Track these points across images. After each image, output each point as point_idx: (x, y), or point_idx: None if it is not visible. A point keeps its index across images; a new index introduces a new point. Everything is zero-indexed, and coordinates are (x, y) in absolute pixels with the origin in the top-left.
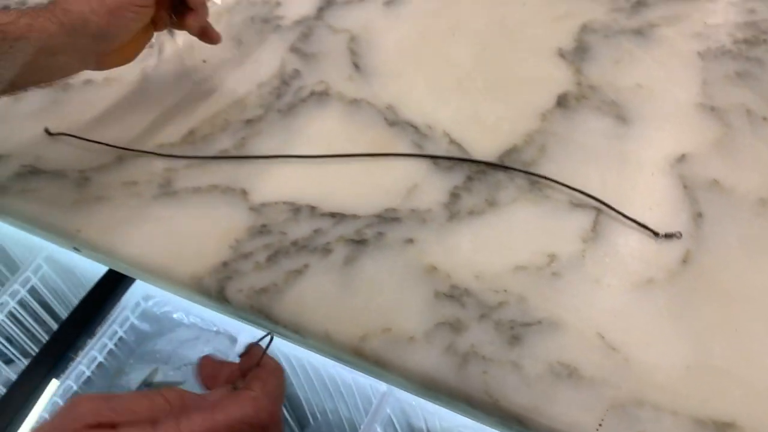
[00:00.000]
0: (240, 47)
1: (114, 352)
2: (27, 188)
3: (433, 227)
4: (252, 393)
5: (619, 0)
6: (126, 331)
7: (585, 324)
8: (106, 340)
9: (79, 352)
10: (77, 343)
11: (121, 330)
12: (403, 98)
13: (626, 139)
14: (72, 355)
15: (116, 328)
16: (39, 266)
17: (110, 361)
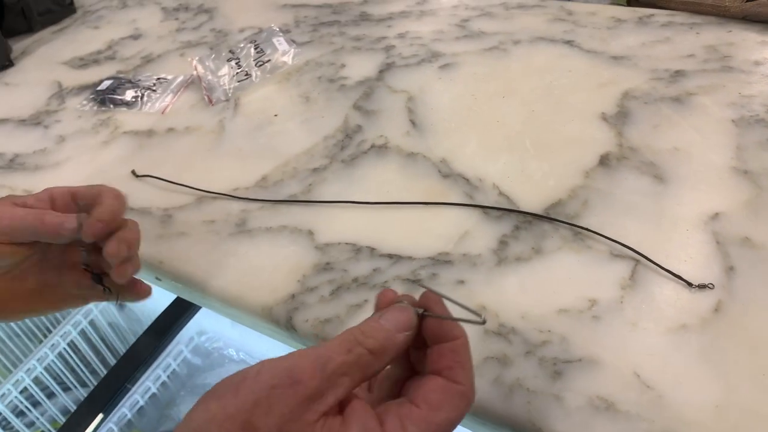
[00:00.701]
0: (308, 103)
1: (167, 383)
2: None
3: (483, 271)
4: (461, 388)
5: (659, 70)
6: (179, 365)
7: (622, 363)
8: (160, 372)
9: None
10: (135, 374)
11: (174, 363)
12: (456, 153)
13: (663, 197)
14: (128, 385)
15: (170, 361)
16: None
17: (162, 393)
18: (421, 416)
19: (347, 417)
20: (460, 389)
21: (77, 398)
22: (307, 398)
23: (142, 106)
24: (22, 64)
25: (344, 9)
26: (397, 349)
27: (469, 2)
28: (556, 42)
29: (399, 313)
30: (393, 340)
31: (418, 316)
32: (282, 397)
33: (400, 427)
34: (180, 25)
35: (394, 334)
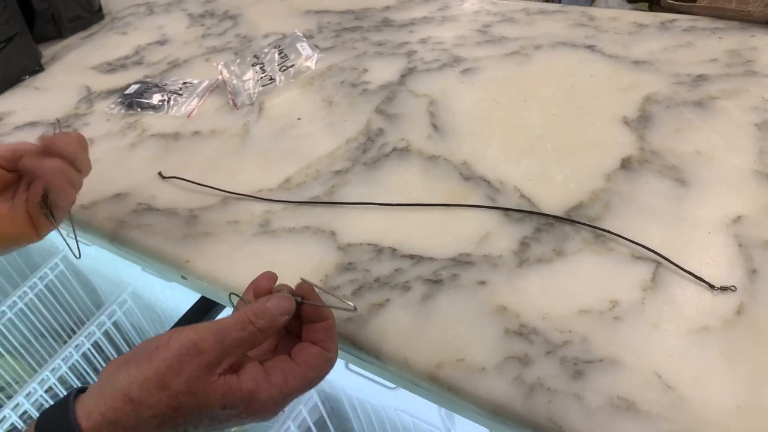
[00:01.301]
0: (330, 107)
1: None
2: (143, 223)
3: (504, 272)
4: (331, 355)
5: (681, 74)
6: None
7: (643, 363)
8: None
9: None
10: None
11: None
12: (477, 156)
13: (685, 200)
14: None
15: None
16: (124, 300)
17: None
18: (300, 372)
19: (242, 374)
20: (330, 356)
21: None
22: (209, 364)
23: (169, 110)
24: (52, 69)
25: (367, 15)
26: (279, 328)
27: (490, 8)
28: (577, 47)
29: (283, 300)
30: (276, 321)
31: (297, 303)
32: (189, 363)
33: (284, 379)
34: (205, 31)
35: (278, 317)
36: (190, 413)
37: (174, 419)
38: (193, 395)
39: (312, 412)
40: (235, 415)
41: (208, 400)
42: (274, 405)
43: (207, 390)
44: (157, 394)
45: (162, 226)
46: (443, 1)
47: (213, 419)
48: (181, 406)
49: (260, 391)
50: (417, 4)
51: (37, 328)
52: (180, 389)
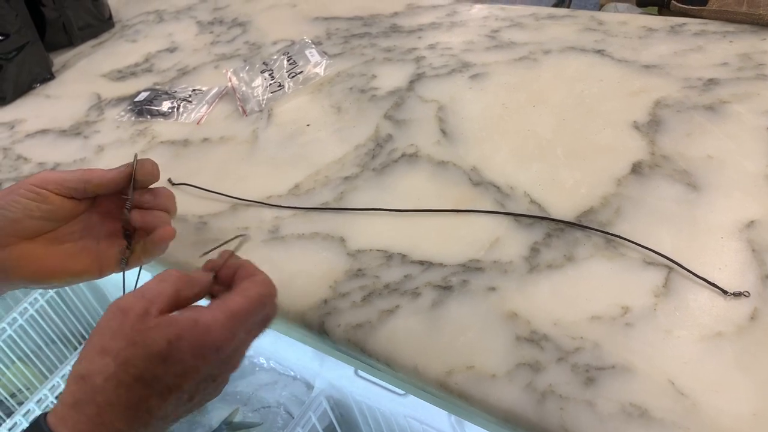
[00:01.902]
0: (339, 113)
1: None
2: None
3: (514, 278)
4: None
5: (692, 78)
6: None
7: (656, 370)
8: None
9: None
10: None
11: None
12: (487, 161)
13: (697, 204)
14: None
15: None
16: None
17: None
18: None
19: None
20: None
21: None
22: (138, 315)
23: (178, 117)
24: (62, 77)
25: (375, 21)
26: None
27: (499, 13)
28: (586, 51)
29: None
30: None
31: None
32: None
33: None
34: (215, 39)
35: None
36: (141, 363)
37: (128, 373)
38: (135, 345)
39: (321, 418)
40: (188, 350)
41: (153, 342)
42: (222, 328)
43: (146, 333)
44: (100, 360)
45: None
46: (451, 7)
47: (166, 361)
48: (128, 359)
49: (201, 314)
50: (425, 10)
51: (47, 334)
52: (120, 346)
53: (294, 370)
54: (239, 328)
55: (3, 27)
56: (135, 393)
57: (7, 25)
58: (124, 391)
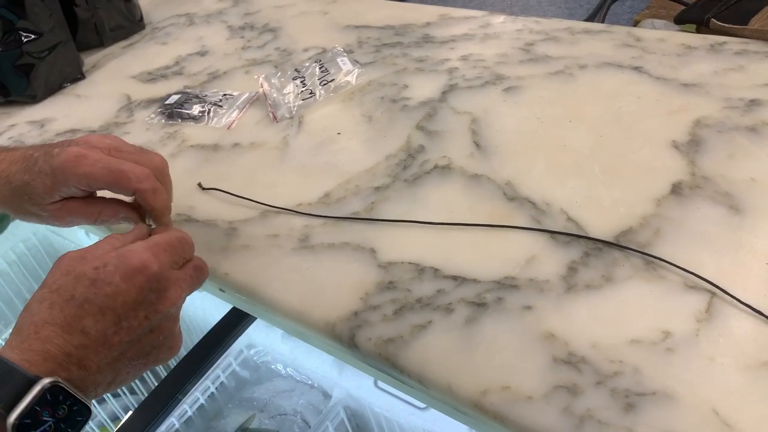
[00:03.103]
0: (371, 122)
1: (215, 395)
2: None
3: (551, 297)
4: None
5: (733, 98)
6: (227, 377)
7: (699, 399)
8: (209, 384)
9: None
10: (185, 385)
11: (223, 375)
12: (522, 176)
13: (740, 228)
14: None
15: (219, 373)
16: None
17: (210, 404)
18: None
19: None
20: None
21: (125, 405)
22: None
23: (209, 121)
24: (93, 77)
25: (407, 31)
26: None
27: (533, 26)
28: (623, 68)
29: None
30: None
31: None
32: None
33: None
34: (245, 44)
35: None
36: (71, 286)
37: (60, 296)
38: (67, 274)
39: (338, 428)
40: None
41: (81, 270)
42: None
43: (77, 266)
44: (40, 292)
45: (201, 238)
46: (485, 19)
47: (95, 283)
48: (60, 286)
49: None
50: (458, 21)
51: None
52: (55, 278)
53: (312, 378)
54: (161, 255)
55: (37, 26)
56: (68, 312)
57: (40, 24)
58: (58, 311)
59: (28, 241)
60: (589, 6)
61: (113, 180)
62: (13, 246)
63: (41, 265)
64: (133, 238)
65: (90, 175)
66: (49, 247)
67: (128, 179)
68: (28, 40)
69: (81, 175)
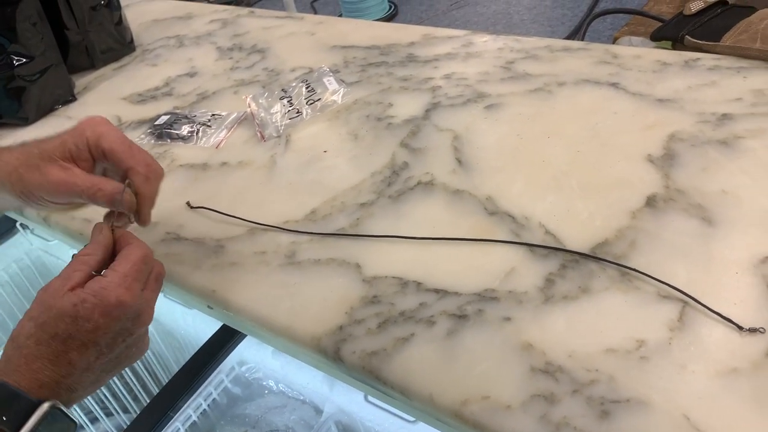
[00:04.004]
0: (356, 140)
1: (207, 412)
2: (171, 252)
3: (529, 308)
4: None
5: (706, 113)
6: (219, 394)
7: (671, 405)
8: (201, 401)
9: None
10: (177, 402)
11: (215, 392)
12: (502, 191)
13: (712, 239)
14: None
15: (211, 390)
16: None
17: (203, 421)
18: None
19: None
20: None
21: (119, 424)
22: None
23: (198, 141)
24: (84, 99)
25: (392, 50)
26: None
27: (514, 45)
28: (601, 84)
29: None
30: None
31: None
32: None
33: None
34: (234, 64)
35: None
36: (54, 321)
37: (45, 332)
38: (50, 309)
39: None
40: (92, 309)
41: (61, 305)
42: (118, 287)
43: (58, 301)
44: (25, 324)
45: (189, 256)
46: (467, 38)
47: (76, 320)
48: (45, 322)
49: (99, 282)
50: (441, 41)
51: None
52: (39, 311)
53: (303, 394)
54: (133, 285)
55: (28, 49)
56: (53, 348)
57: (32, 47)
58: (44, 347)
59: (20, 262)
60: (571, 23)
61: (121, 148)
62: (5, 267)
63: (34, 286)
64: (101, 250)
65: (104, 136)
66: (42, 267)
67: (133, 155)
68: (19, 63)
69: (97, 132)
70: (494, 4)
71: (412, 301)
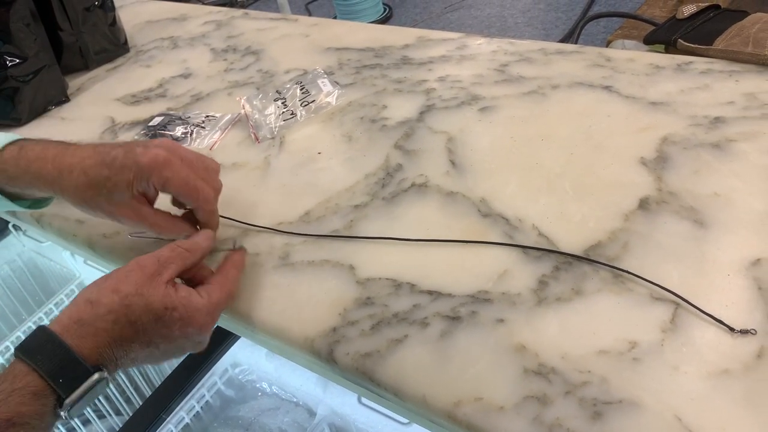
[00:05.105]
0: (350, 142)
1: (200, 414)
2: None
3: (523, 310)
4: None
5: (698, 116)
6: (212, 396)
7: (663, 406)
8: (194, 403)
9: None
10: (169, 405)
11: (208, 394)
12: (496, 193)
13: (704, 241)
14: (163, 415)
15: (204, 392)
16: None
17: (196, 424)
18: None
19: (177, 287)
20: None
21: (111, 426)
22: (151, 274)
23: (191, 142)
24: (77, 100)
25: (386, 53)
26: (202, 252)
27: (508, 47)
28: (594, 87)
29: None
30: (199, 245)
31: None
32: (135, 274)
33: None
34: (228, 66)
35: (201, 243)
36: (139, 311)
37: (126, 315)
38: (140, 295)
39: None
40: (177, 321)
41: (153, 299)
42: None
43: (151, 291)
44: (110, 295)
45: None
46: (461, 41)
47: (158, 321)
48: (131, 304)
49: (194, 297)
50: (435, 43)
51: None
52: (129, 291)
53: (297, 396)
54: (217, 315)
55: (22, 50)
56: (125, 332)
57: (25, 48)
58: (118, 328)
59: (13, 263)
60: (565, 26)
61: (186, 192)
62: None
63: (26, 288)
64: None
65: (170, 181)
66: (34, 269)
67: (197, 197)
68: (12, 64)
69: (163, 177)
70: (488, 7)
71: (405, 302)
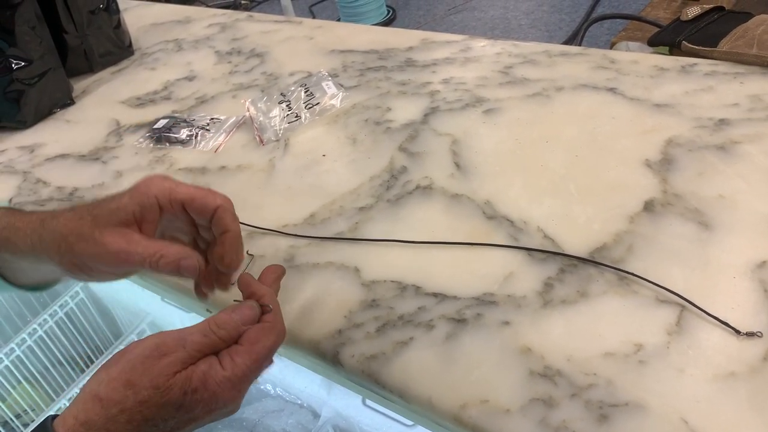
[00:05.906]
0: (355, 144)
1: None
2: None
3: (528, 312)
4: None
5: (703, 118)
6: None
7: (669, 408)
8: None
9: None
10: None
11: None
12: (500, 195)
13: (709, 243)
14: None
15: None
16: (144, 330)
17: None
18: (244, 350)
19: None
20: (268, 325)
21: None
22: (170, 363)
23: (196, 145)
24: (82, 103)
25: (390, 55)
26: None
27: (512, 50)
28: (599, 89)
29: (248, 310)
30: (238, 330)
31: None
32: (151, 362)
33: (231, 361)
34: (233, 68)
35: (240, 327)
36: (155, 408)
37: (142, 413)
38: (156, 389)
39: None
40: (199, 403)
41: (172, 392)
42: (232, 389)
43: (168, 382)
44: (123, 391)
45: None
46: (465, 43)
47: (179, 410)
48: (146, 400)
49: (212, 371)
50: (439, 45)
51: (55, 356)
52: (144, 385)
53: (301, 398)
54: (244, 388)
55: (27, 53)
56: (140, 430)
57: (30, 51)
58: (132, 428)
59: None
60: (569, 28)
61: (200, 193)
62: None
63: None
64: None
65: (176, 187)
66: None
67: (214, 195)
68: (18, 67)
69: (168, 188)
70: (492, 9)
71: (411, 305)
